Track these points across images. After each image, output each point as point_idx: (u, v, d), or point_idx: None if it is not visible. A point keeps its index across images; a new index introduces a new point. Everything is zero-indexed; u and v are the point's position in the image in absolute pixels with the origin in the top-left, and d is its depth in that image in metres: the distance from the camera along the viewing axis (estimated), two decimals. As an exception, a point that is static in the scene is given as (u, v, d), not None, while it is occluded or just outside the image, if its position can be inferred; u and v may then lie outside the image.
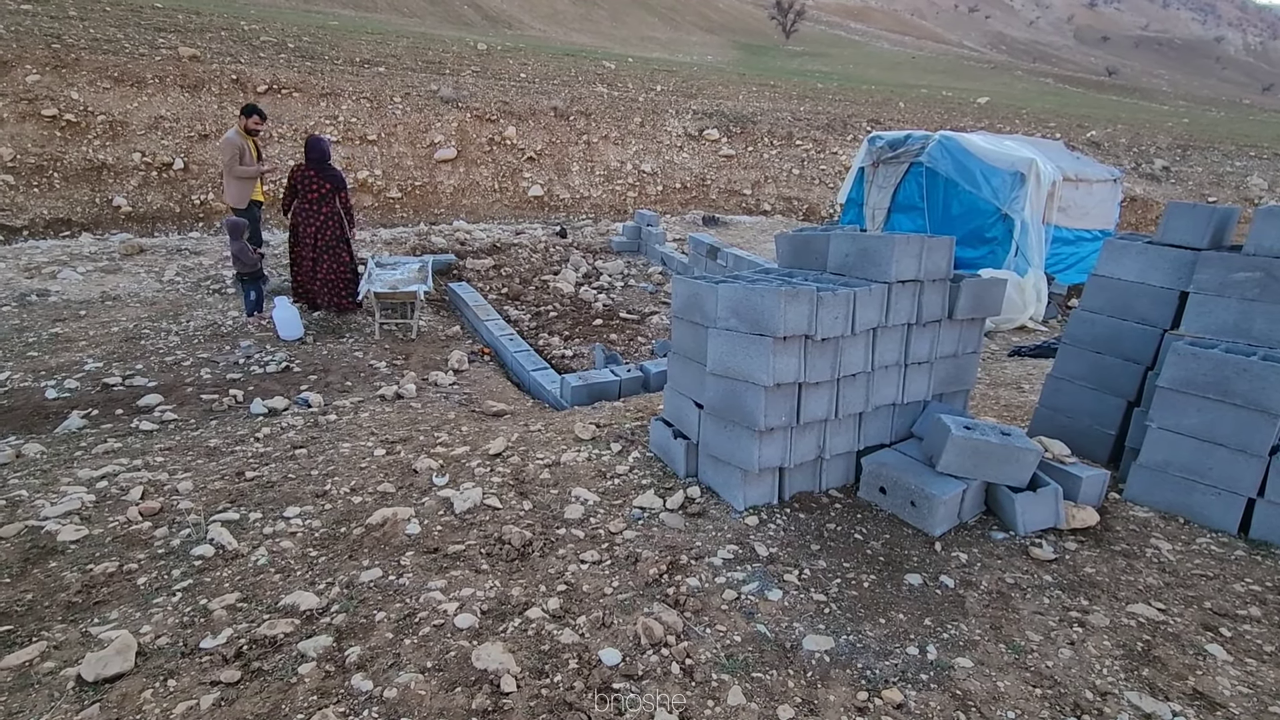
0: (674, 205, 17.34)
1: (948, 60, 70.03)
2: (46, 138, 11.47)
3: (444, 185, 15.59)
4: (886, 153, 10.36)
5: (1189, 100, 58.83)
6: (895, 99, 27.38)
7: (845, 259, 3.19)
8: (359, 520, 2.87)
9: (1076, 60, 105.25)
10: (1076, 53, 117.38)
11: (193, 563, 2.54)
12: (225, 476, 3.33)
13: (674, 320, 3.38)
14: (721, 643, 2.17)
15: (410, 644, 2.11)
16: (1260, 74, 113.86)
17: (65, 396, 4.72)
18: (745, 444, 2.90)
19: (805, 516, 2.95)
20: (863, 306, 2.91)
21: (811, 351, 2.84)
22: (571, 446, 3.69)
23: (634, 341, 6.32)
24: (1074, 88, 58.23)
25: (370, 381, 5.28)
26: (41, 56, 12.15)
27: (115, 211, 11.56)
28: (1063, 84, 60.57)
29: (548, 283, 8.06)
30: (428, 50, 20.42)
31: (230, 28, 16.95)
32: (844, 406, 3.04)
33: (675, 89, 22.43)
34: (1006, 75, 62.72)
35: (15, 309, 5.95)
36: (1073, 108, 35.46)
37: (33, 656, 2.03)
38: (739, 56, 55.85)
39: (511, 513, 2.95)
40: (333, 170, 6.18)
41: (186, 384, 5.01)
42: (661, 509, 3.01)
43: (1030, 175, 8.62)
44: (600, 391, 5.00)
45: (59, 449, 3.95)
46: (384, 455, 3.60)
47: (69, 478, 3.35)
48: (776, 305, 2.67)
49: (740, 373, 2.85)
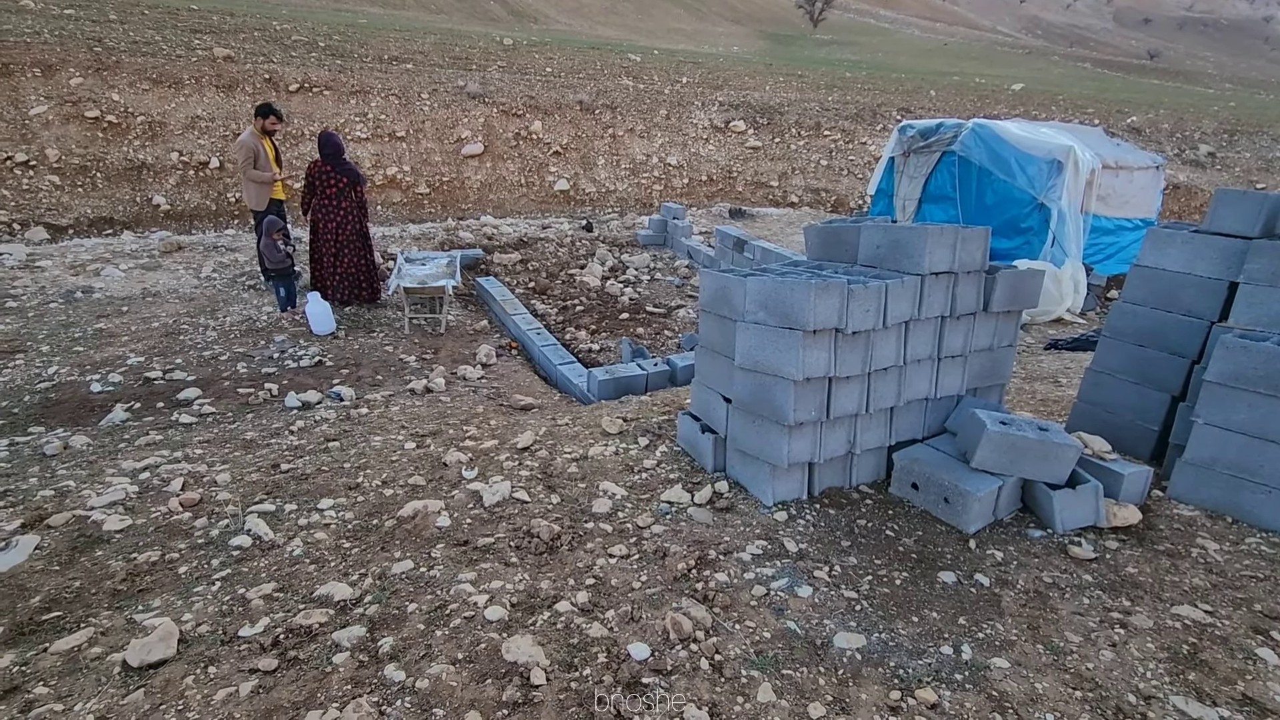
0: (700, 198, 17.24)
1: (981, 46, 68.31)
2: (89, 139, 11.82)
3: (471, 180, 15.72)
4: (918, 142, 10.15)
5: (1236, 83, 56.55)
6: (926, 87, 26.81)
7: (876, 251, 3.13)
8: (390, 513, 2.91)
9: (1116, 44, 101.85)
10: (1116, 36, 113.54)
11: (231, 553, 2.60)
12: (261, 468, 3.41)
13: (701, 314, 3.36)
14: (751, 639, 2.15)
15: (441, 635, 2.13)
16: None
17: (109, 390, 4.87)
18: (774, 439, 2.87)
19: (835, 512, 2.91)
20: (895, 299, 2.85)
21: (842, 345, 2.79)
22: (599, 441, 3.69)
23: (660, 335, 6.30)
24: (1113, 72, 56.40)
25: (400, 375, 5.36)
26: (84, 60, 12.52)
27: (155, 210, 11.89)
28: (1101, 69, 58.69)
29: (574, 277, 8.08)
30: (454, 46, 20.56)
31: (263, 28, 17.26)
32: (875, 401, 2.99)
33: (701, 81, 22.25)
34: (1042, 60, 60.97)
35: (62, 305, 6.15)
36: (1112, 93, 34.34)
37: (81, 642, 2.10)
38: (766, 46, 55.19)
39: (540, 506, 2.96)
40: (348, 165, 6.26)
41: (224, 378, 5.14)
42: (689, 504, 3.00)
43: (1068, 163, 8.37)
44: (627, 386, 5.00)
45: (104, 441, 4.08)
46: (414, 449, 3.64)
47: (113, 469, 3.46)
48: (806, 298, 2.63)
49: (769, 367, 2.82)
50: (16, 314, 5.92)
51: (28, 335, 5.56)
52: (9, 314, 5.91)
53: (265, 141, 6.61)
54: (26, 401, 4.73)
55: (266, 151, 6.60)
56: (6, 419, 4.52)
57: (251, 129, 6.59)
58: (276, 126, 6.68)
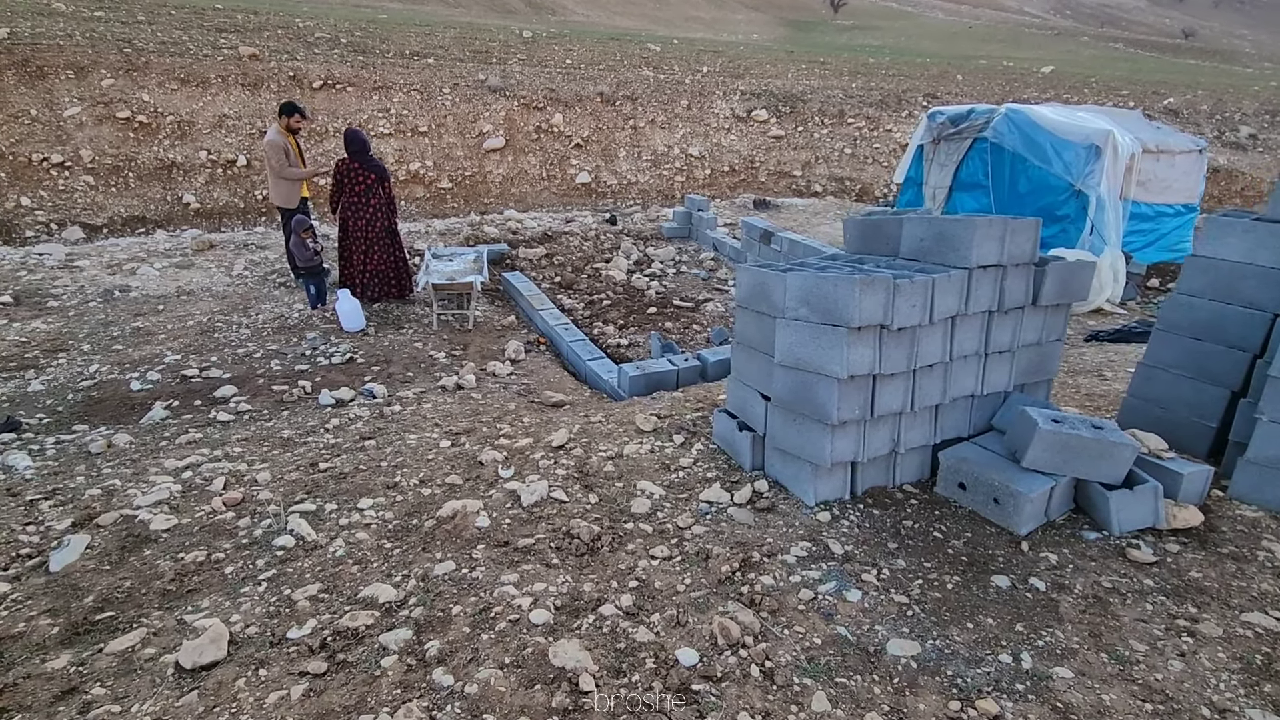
0: (722, 189, 17.09)
1: (1007, 29, 66.65)
2: (121, 139, 12.03)
3: (493, 174, 15.74)
4: (948, 129, 9.92)
5: (1276, 62, 54.55)
6: (952, 72, 26.24)
7: (920, 244, 3.04)
8: (429, 512, 2.91)
9: (1149, 23, 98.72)
10: (1149, 14, 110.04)
11: (275, 553, 2.62)
12: (300, 467, 3.43)
13: (737, 309, 3.30)
14: (801, 645, 2.11)
15: (488, 639, 2.12)
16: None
17: (148, 388, 4.95)
18: (816, 437, 2.81)
19: (879, 513, 2.85)
20: (941, 294, 2.77)
21: (887, 342, 2.72)
22: (633, 439, 3.66)
23: (689, 330, 6.24)
24: (1147, 53, 54.70)
25: (430, 372, 5.37)
26: (115, 61, 12.72)
27: (185, 208, 12.08)
28: (1134, 49, 56.96)
29: (600, 271, 8.04)
30: (474, 40, 20.56)
31: (286, 25, 17.40)
32: (920, 399, 2.91)
33: (722, 69, 22.01)
34: (1072, 42, 59.34)
35: (100, 304, 6.26)
36: (1146, 74, 33.30)
37: (134, 643, 2.13)
38: (786, 34, 54.40)
39: (578, 506, 2.94)
40: (375, 161, 6.29)
41: (258, 375, 5.19)
42: (729, 503, 2.95)
43: (1106, 148, 8.11)
44: (658, 381, 4.95)
45: (145, 439, 4.14)
46: (449, 447, 3.64)
47: (156, 467, 3.51)
48: (851, 294, 2.56)
49: (811, 364, 2.76)
50: (58, 313, 6.04)
51: (69, 334, 5.67)
52: (51, 313, 6.03)
53: (290, 139, 6.63)
54: (70, 400, 4.82)
55: (292, 149, 6.62)
56: (52, 417, 4.62)
57: (276, 127, 6.58)
58: (301, 124, 6.68)
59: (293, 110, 6.60)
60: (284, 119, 6.55)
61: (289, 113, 6.57)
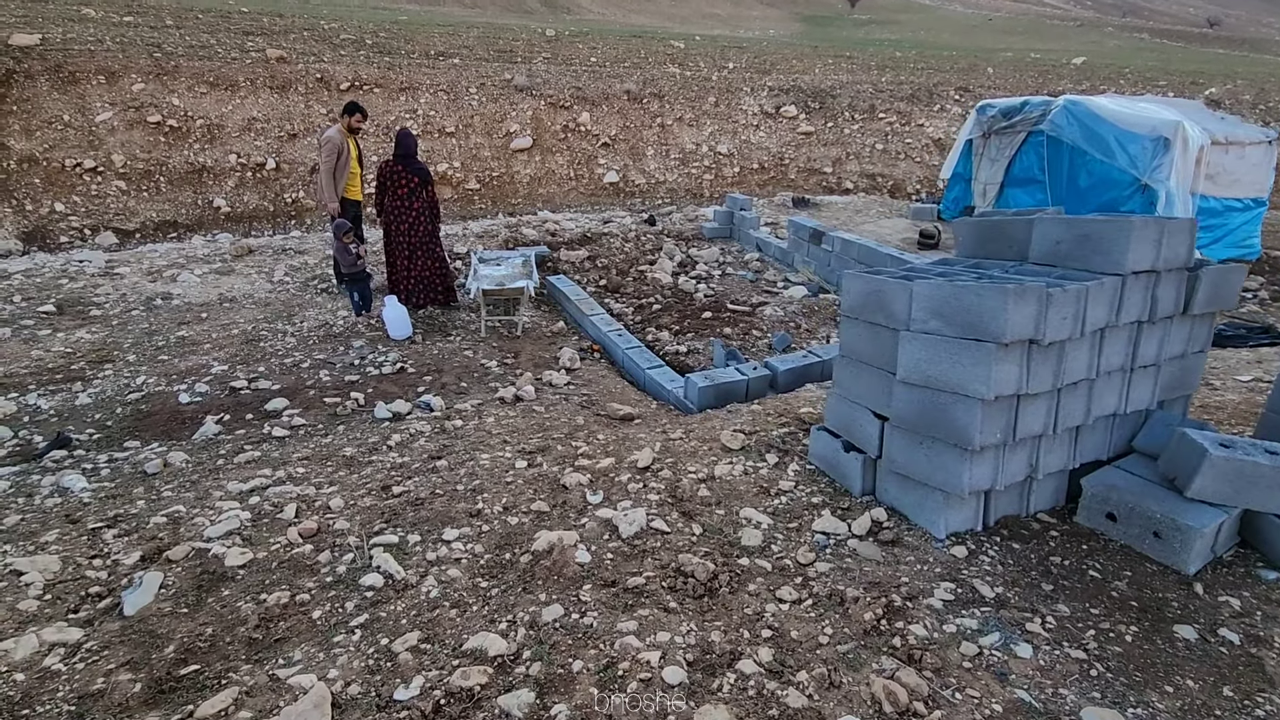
0: (751, 186, 16.77)
1: (1028, 20, 65.47)
2: (152, 143, 11.97)
3: (520, 175, 15.55)
4: (999, 122, 9.55)
5: (1310, 49, 53.06)
6: (982, 65, 25.67)
7: (1057, 247, 2.75)
8: (522, 545, 2.68)
9: (1173, 12, 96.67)
10: (1172, 4, 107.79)
11: (364, 594, 2.39)
12: (372, 491, 3.21)
13: (843, 319, 3.03)
14: (980, 713, 1.84)
15: (620, 703, 1.87)
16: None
17: (197, 401, 4.78)
18: (951, 464, 2.54)
19: (1020, 547, 2.57)
20: (1094, 304, 2.48)
21: (1035, 358, 2.44)
22: (722, 458, 3.41)
23: (749, 335, 5.98)
24: (1173, 42, 53.45)
25: (484, 382, 5.15)
26: (145, 65, 12.66)
27: (216, 212, 12.00)
28: (1160, 39, 55.67)
29: (645, 273, 7.79)
30: (498, 39, 20.39)
31: (311, 28, 17.33)
32: (1062, 419, 2.63)
33: (748, 65, 21.67)
34: (1095, 33, 58.14)
35: (144, 313, 6.12)
36: (1179, 64, 32.44)
37: (227, 704, 1.91)
38: (803, 29, 53.78)
39: (683, 538, 2.69)
40: (419, 164, 6.14)
41: (308, 386, 5.00)
42: (847, 534, 2.69)
43: (1176, 140, 7.73)
44: (727, 392, 4.70)
45: (201, 457, 3.95)
46: (526, 468, 3.41)
47: (219, 490, 3.31)
48: (1001, 306, 2.29)
49: (946, 383, 2.49)
50: (101, 322, 5.90)
51: (114, 344, 5.52)
52: (94, 322, 5.89)
53: (352, 140, 6.47)
54: (119, 413, 4.66)
55: (351, 150, 6.44)
56: (102, 432, 4.45)
57: (339, 126, 6.41)
58: (362, 124, 6.51)
59: (354, 109, 6.43)
60: (346, 118, 6.39)
61: (351, 112, 6.42)
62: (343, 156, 6.34)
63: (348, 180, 6.49)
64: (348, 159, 6.39)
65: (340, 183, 6.42)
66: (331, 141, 6.31)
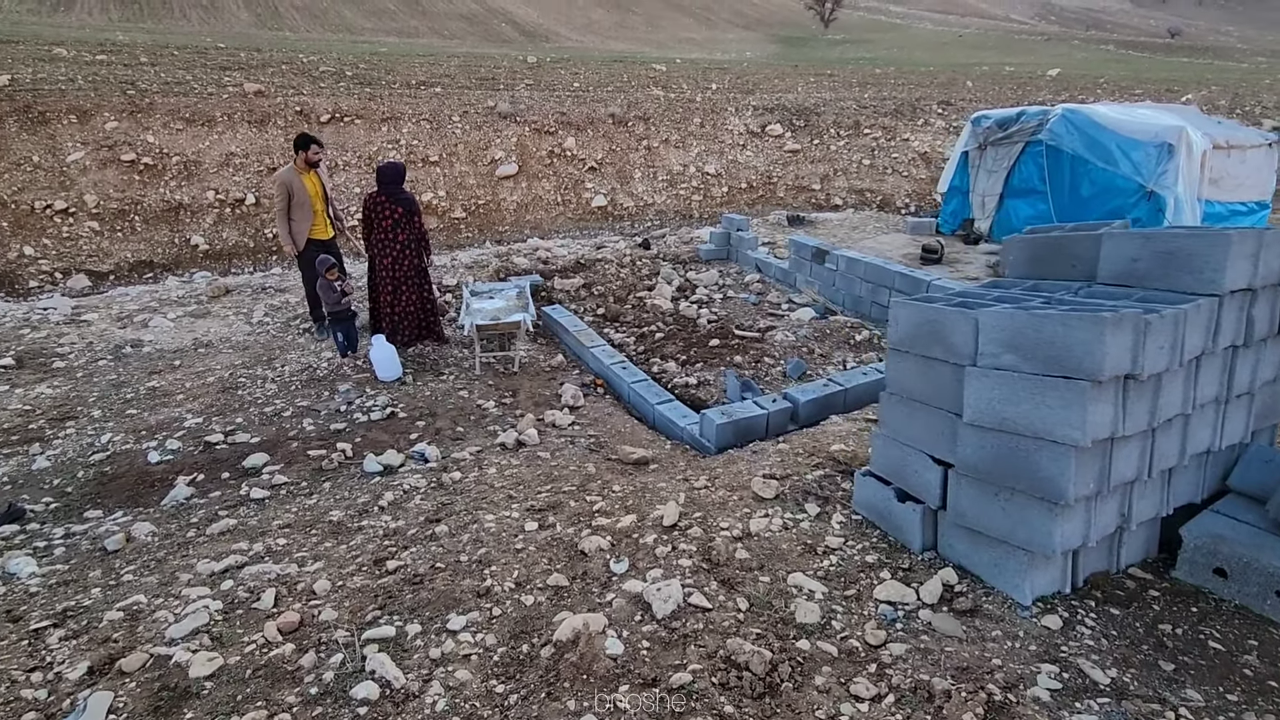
0: (740, 206, 16.59)
1: (997, 36, 66.92)
2: (126, 182, 11.58)
3: (507, 202, 15.27)
4: (995, 133, 9.42)
5: (1268, 55, 54.47)
6: (961, 78, 25.93)
7: (1133, 265, 2.45)
8: (540, 632, 2.29)
9: (1135, 24, 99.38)
10: (1133, 16, 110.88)
11: (356, 710, 2.00)
12: (363, 567, 2.82)
13: (891, 354, 2.71)
14: None
15: None
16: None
17: (168, 460, 4.36)
18: (1036, 519, 2.20)
19: (1120, 613, 2.23)
20: (1191, 330, 2.17)
21: (1130, 394, 2.12)
22: (756, 509, 3.05)
23: (761, 363, 5.65)
24: (1139, 53, 54.72)
25: (482, 425, 4.78)
26: (118, 103, 12.32)
27: (193, 250, 11.58)
28: (1126, 49, 56.98)
29: (644, 300, 7.47)
30: (479, 67, 20.28)
31: (290, 61, 17.11)
32: (1157, 461, 2.30)
33: (731, 86, 21.71)
34: (1063, 46, 59.43)
35: (111, 363, 5.69)
36: (1150, 72, 33.07)
37: None
38: (779, 50, 54.50)
39: (727, 615, 2.32)
40: (404, 194, 5.78)
41: (290, 438, 4.60)
42: (917, 604, 2.34)
43: (1180, 145, 7.59)
44: (747, 429, 4.35)
45: (169, 528, 3.54)
46: (537, 530, 3.03)
47: (188, 573, 2.90)
48: (1096, 338, 1.97)
49: (1027, 426, 2.15)
50: (65, 375, 5.47)
51: (78, 399, 5.10)
52: (57, 375, 5.46)
53: (309, 176, 5.93)
54: (80, 477, 4.23)
55: (308, 188, 5.90)
56: (60, 500, 4.02)
57: (291, 165, 5.93)
58: (319, 156, 5.99)
59: (307, 143, 5.90)
60: (300, 154, 5.86)
61: (304, 146, 5.88)
62: (295, 196, 5.84)
63: (313, 219, 5.93)
64: (306, 197, 5.87)
65: (301, 223, 5.89)
66: (278, 180, 5.84)
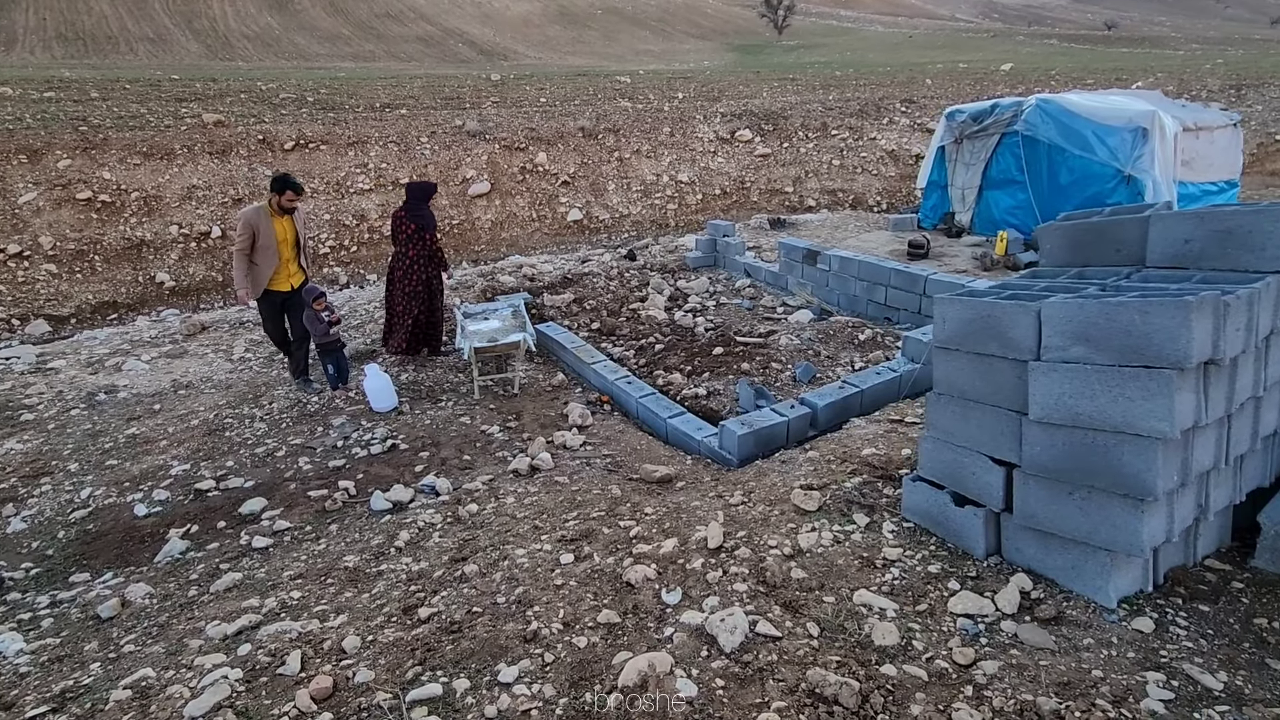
0: (715, 212, 16.60)
1: (945, 35, 68.78)
2: (84, 221, 11.12)
3: (481, 220, 15.05)
4: (970, 126, 9.52)
5: (1201, 43, 56.81)
6: (920, 77, 26.46)
7: (1186, 246, 2.38)
8: (601, 677, 2.11)
9: (1073, 19, 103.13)
10: (1071, 11, 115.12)
11: (416, 784, 1.79)
12: (392, 618, 2.60)
13: (938, 352, 2.60)
14: None
15: None
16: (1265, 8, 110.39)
17: (156, 512, 4.07)
18: (1119, 517, 2.09)
19: (1210, 609, 2.13)
20: (1264, 309, 2.09)
21: (1210, 381, 2.03)
22: (801, 524, 2.91)
23: (769, 369, 5.53)
24: (1081, 45, 56.64)
25: (489, 451, 4.57)
26: (70, 140, 11.86)
27: (159, 288, 11.15)
28: (1068, 43, 58.94)
29: (637, 311, 7.33)
30: (444, 87, 20.06)
31: (248, 89, 16.71)
32: (1233, 447, 2.22)
33: (697, 94, 21.81)
34: (1008, 42, 61.24)
35: (85, 411, 5.35)
36: (1096, 63, 34.16)
37: None
38: (736, 58, 55.27)
39: (801, 644, 2.16)
40: (421, 211, 6.01)
41: (287, 479, 4.34)
42: (996, 614, 2.21)
43: (1154, 129, 7.72)
44: (769, 438, 4.22)
45: (168, 587, 3.27)
46: (574, 563, 2.85)
47: (197, 638, 2.65)
48: (1181, 323, 1.87)
49: (1104, 421, 2.05)
50: (35, 427, 5.12)
51: (51, 452, 4.76)
52: (27, 428, 5.11)
53: (282, 221, 5.32)
54: (61, 538, 3.92)
55: (276, 232, 5.26)
56: (41, 564, 3.72)
57: (264, 204, 5.33)
58: (295, 203, 5.34)
59: (284, 187, 5.29)
60: (275, 196, 5.27)
61: (279, 189, 5.28)
62: (260, 238, 5.22)
63: (277, 266, 5.31)
64: (272, 241, 5.26)
65: (263, 268, 5.28)
66: (244, 218, 5.23)
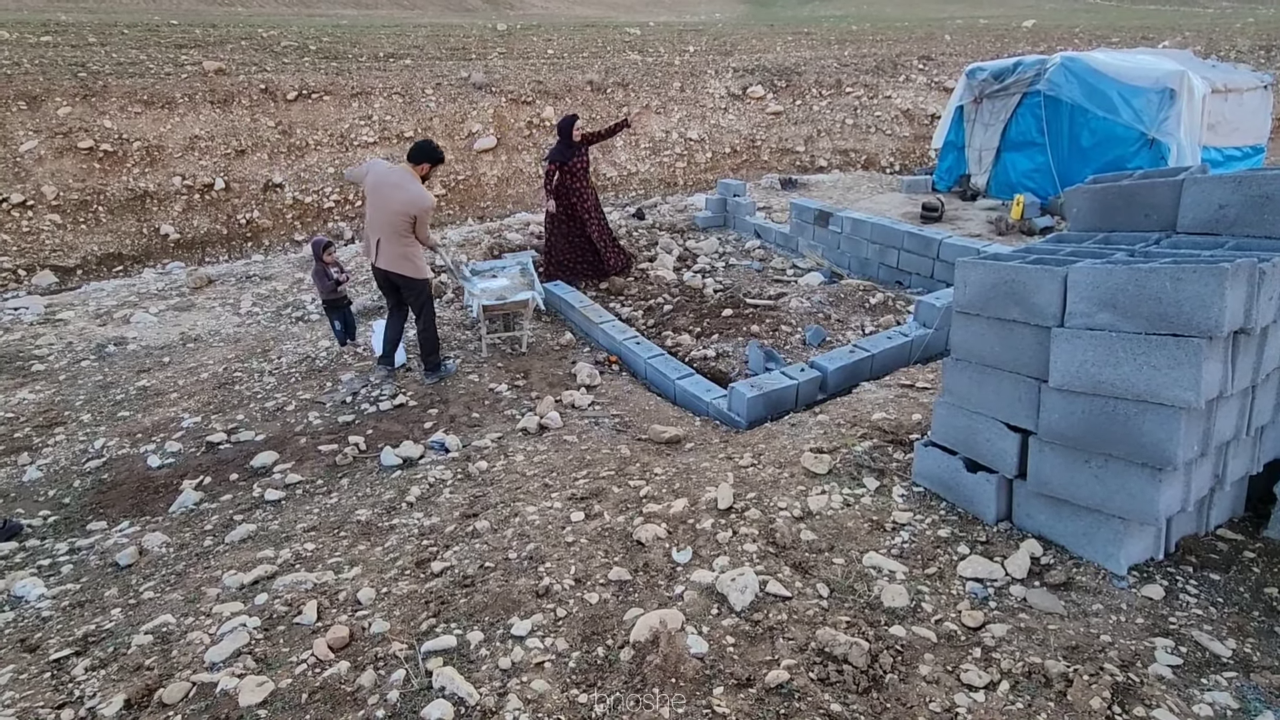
0: (724, 171, 16.29)
1: (968, -12, 66.21)
2: (86, 171, 10.98)
3: (487, 176, 14.81)
4: (991, 85, 9.22)
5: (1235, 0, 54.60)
6: (939, 33, 25.59)
7: (1220, 212, 2.31)
8: (613, 633, 2.15)
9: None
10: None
11: (433, 732, 1.84)
12: (405, 571, 2.64)
13: (958, 316, 2.56)
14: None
15: None
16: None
17: (169, 464, 4.12)
18: (1136, 485, 2.08)
19: (1220, 578, 2.13)
20: (1294, 278, 2.04)
21: (1239, 350, 1.99)
22: (811, 486, 2.92)
23: (778, 331, 5.49)
24: (1108, 1, 54.53)
25: (498, 410, 4.58)
26: (70, 87, 11.62)
27: (164, 240, 11.08)
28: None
29: (646, 271, 7.25)
30: (449, 37, 19.52)
31: (249, 36, 16.28)
32: (1255, 418, 2.19)
33: (709, 48, 21.17)
34: (1033, -4, 58.97)
35: (95, 363, 5.37)
36: (1123, 20, 32.99)
37: None
38: (749, 10, 53.40)
39: (811, 604, 2.19)
40: (554, 148, 6.57)
41: (298, 434, 4.37)
42: (1005, 579, 2.23)
43: (1182, 90, 7.47)
44: (778, 401, 4.21)
45: (183, 536, 3.32)
46: (584, 520, 2.87)
47: (214, 587, 2.70)
48: (1216, 291, 1.83)
49: (1127, 389, 2.02)
50: (46, 378, 5.15)
51: (64, 403, 4.80)
52: (38, 379, 5.14)
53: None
54: (77, 487, 3.98)
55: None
56: (58, 512, 3.78)
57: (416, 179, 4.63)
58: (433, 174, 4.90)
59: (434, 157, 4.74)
60: (423, 167, 4.68)
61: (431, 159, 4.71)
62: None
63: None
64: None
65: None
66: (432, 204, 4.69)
